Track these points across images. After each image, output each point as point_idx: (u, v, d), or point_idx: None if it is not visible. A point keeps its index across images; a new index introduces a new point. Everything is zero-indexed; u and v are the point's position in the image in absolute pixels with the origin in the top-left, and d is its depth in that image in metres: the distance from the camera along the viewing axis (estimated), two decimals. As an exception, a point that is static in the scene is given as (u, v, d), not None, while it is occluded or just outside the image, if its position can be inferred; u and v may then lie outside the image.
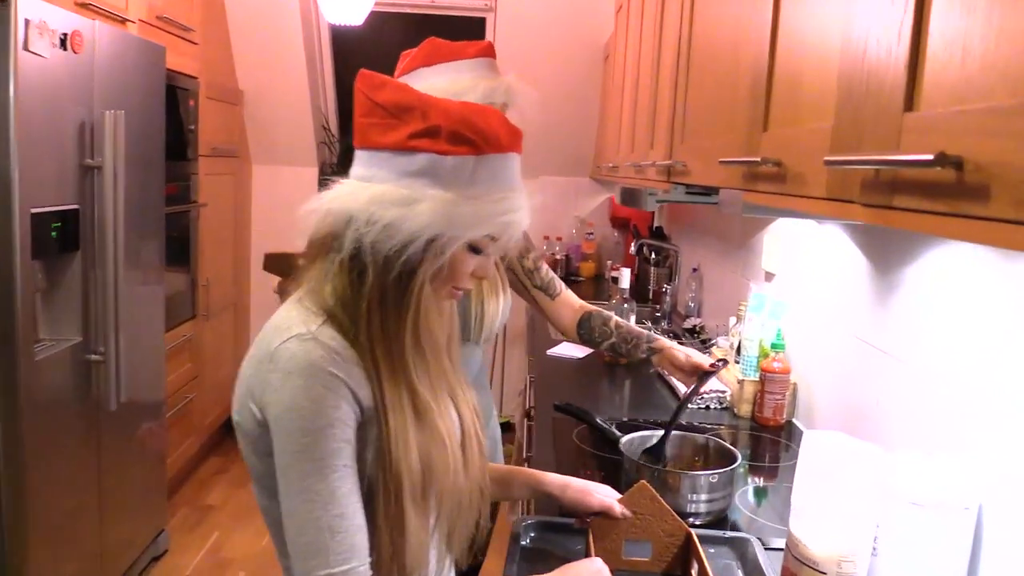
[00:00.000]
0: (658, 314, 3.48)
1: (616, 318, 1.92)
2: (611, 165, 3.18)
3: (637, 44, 2.83)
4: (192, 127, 3.69)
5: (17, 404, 2.26)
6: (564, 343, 2.89)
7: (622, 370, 2.66)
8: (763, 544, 1.38)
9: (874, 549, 1.30)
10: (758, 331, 2.17)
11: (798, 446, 1.35)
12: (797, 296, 2.21)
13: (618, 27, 3.49)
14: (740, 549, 1.39)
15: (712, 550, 1.39)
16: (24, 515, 2.30)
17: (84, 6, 2.64)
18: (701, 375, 1.78)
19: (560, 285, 1.96)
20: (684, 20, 1.98)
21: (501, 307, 1.76)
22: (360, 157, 1.07)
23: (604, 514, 1.33)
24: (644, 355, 1.88)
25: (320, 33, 4.38)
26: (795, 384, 2.15)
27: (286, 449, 0.98)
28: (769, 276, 2.45)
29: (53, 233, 2.37)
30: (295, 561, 0.99)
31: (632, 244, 3.60)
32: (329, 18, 3.37)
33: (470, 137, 1.02)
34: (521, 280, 1.89)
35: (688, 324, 3.19)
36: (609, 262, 4.50)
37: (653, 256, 3.92)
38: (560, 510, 1.39)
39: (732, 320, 2.53)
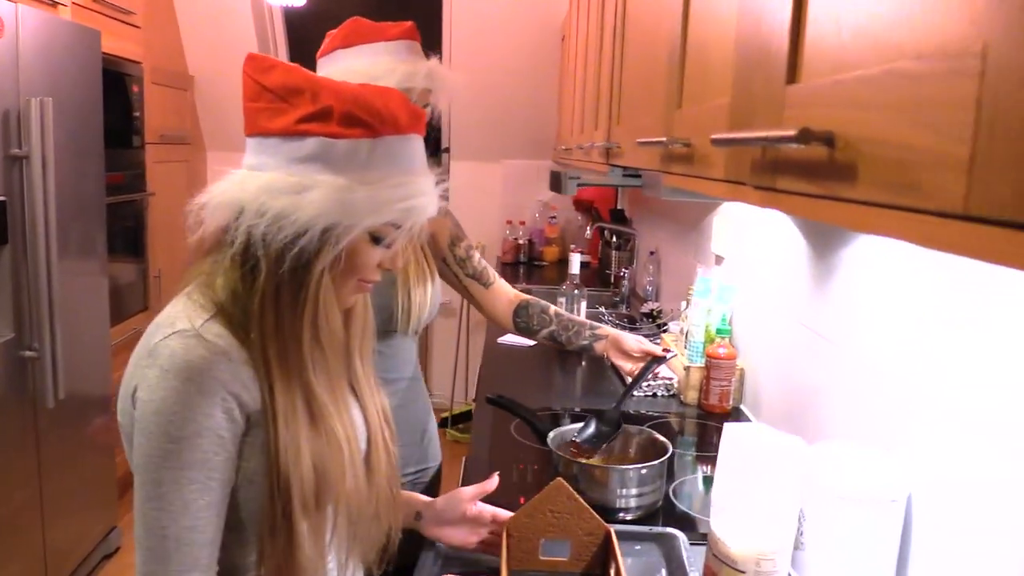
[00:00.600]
0: (616, 299, 3.43)
1: (554, 307, 1.86)
2: (564, 147, 3.12)
3: (586, 24, 2.75)
4: (137, 114, 3.58)
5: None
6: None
7: (575, 357, 2.61)
8: (690, 540, 1.33)
9: (801, 543, 1.26)
10: (704, 316, 2.12)
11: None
12: (745, 280, 2.15)
13: (571, 6, 3.41)
14: (667, 545, 1.33)
15: (638, 547, 1.34)
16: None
17: (8, -12, 2.53)
18: (650, 362, 1.73)
19: (493, 274, 1.89)
20: (620, -3, 1.91)
21: (429, 297, 1.69)
22: (250, 145, 1.00)
23: (495, 520, 1.27)
24: (586, 342, 1.82)
25: (272, 15, 4.27)
26: (742, 370, 2.10)
27: (147, 451, 0.92)
28: (719, 259, 2.39)
29: (-24, 226, 2.28)
30: (137, 561, 0.94)
31: (589, 228, 3.54)
32: (273, 0, 3.27)
33: (364, 119, 0.95)
34: (452, 269, 1.82)
35: (646, 308, 3.13)
36: (572, 246, 4.43)
37: (614, 240, 3.87)
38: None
39: (683, 304, 2.48)
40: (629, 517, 1.46)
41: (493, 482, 1.24)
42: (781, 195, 0.71)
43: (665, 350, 1.79)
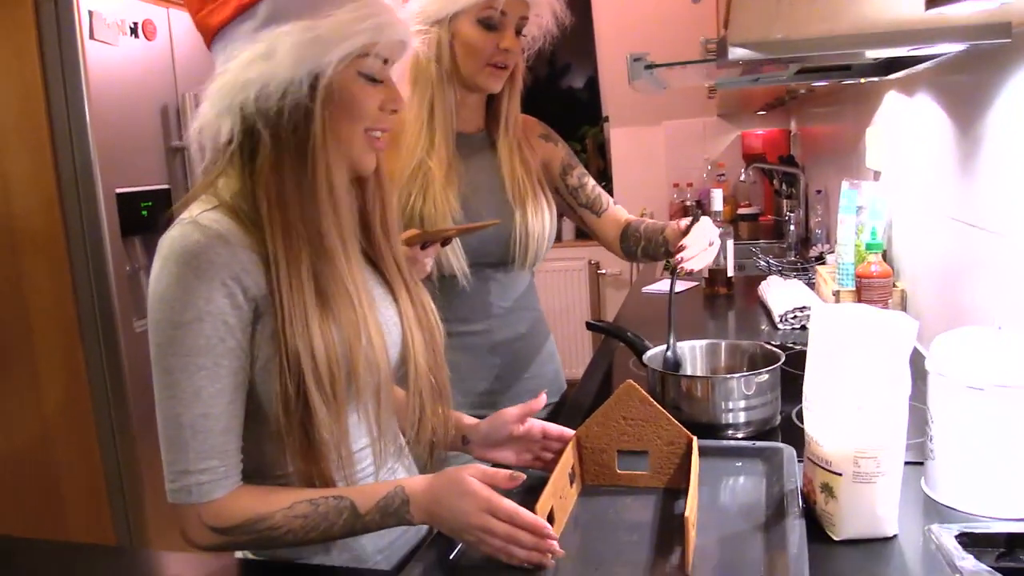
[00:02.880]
0: (784, 246, 3.16)
1: (647, 220, 1.72)
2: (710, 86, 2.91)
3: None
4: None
5: (122, 375, 2.39)
6: (664, 280, 2.68)
7: (723, 300, 2.42)
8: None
9: (930, 452, 1.06)
10: (852, 234, 1.88)
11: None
12: (901, 189, 1.89)
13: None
14: (771, 461, 1.17)
15: (739, 463, 1.18)
16: (140, 487, 2.43)
17: (163, -3, 2.75)
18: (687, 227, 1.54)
19: (607, 200, 1.78)
20: None
21: (548, 227, 1.61)
22: (215, 53, 0.98)
23: (552, 437, 1.15)
24: (663, 245, 1.65)
25: None
26: (903, 291, 1.84)
27: (155, 340, 0.92)
28: (877, 176, 2.12)
29: (143, 212, 2.49)
30: (162, 452, 0.94)
31: (743, 172, 3.29)
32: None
33: None
34: (565, 199, 1.72)
35: (814, 252, 2.86)
36: (744, 201, 4.17)
37: (783, 188, 3.58)
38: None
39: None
40: (740, 435, 1.31)
41: (540, 401, 1.14)
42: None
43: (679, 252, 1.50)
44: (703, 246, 1.49)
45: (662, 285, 2.63)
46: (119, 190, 2.37)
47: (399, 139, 1.50)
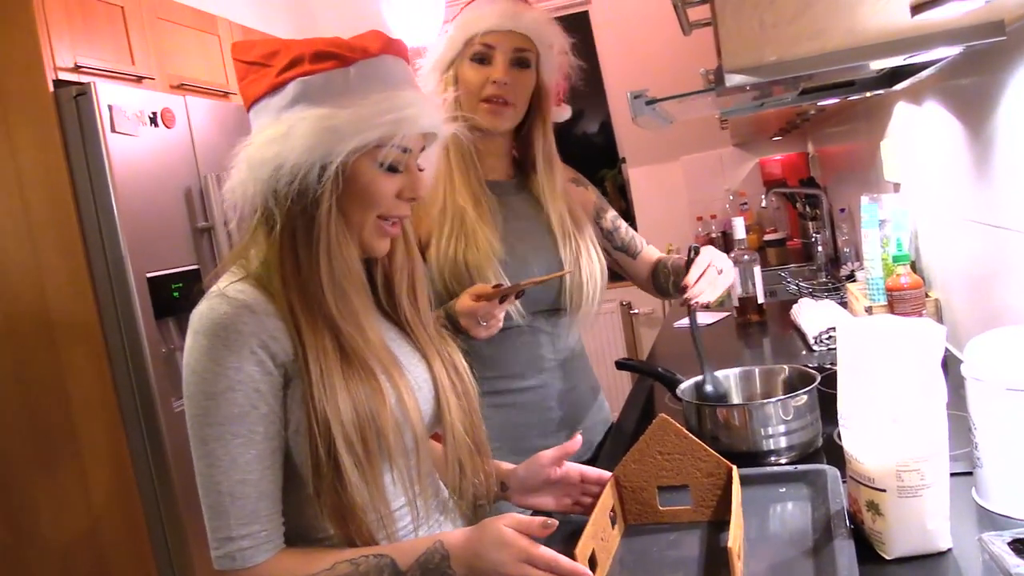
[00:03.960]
0: (814, 268, 3.13)
1: (673, 257, 1.71)
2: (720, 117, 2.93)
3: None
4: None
5: (165, 455, 2.41)
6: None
7: (756, 328, 2.40)
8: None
9: (977, 460, 1.03)
10: (877, 249, 1.85)
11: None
12: (921, 199, 1.87)
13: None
14: (814, 483, 1.14)
15: (782, 489, 1.16)
16: (189, 565, 2.44)
17: (180, 87, 2.84)
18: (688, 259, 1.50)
19: (641, 241, 1.77)
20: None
21: (600, 270, 1.56)
22: (251, 121, 1.04)
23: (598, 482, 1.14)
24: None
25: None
26: (937, 301, 1.80)
27: (190, 412, 0.94)
28: (896, 187, 2.10)
29: (175, 293, 2.53)
30: (205, 521, 0.95)
31: (763, 197, 3.28)
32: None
33: (334, 51, 0.99)
34: (600, 243, 1.68)
35: (845, 271, 2.83)
36: (769, 227, 4.14)
37: (807, 210, 3.56)
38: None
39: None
40: (783, 460, 1.28)
41: (575, 443, 1.13)
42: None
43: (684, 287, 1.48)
44: (710, 277, 1.47)
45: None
46: (150, 275, 2.43)
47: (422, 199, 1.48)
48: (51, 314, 2.38)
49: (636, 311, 4.57)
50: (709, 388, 1.43)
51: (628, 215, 4.77)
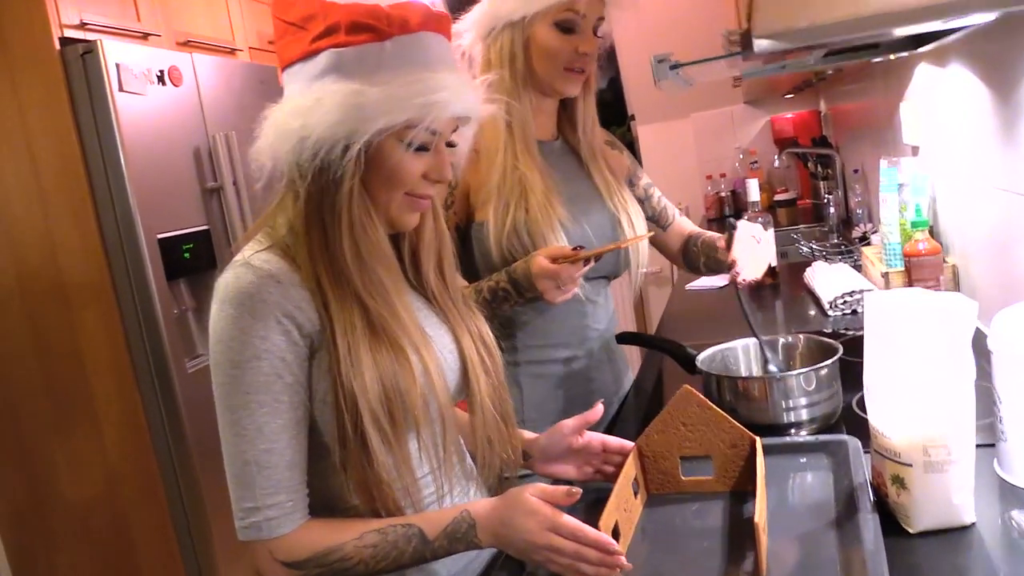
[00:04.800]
0: (825, 229, 3.11)
1: (704, 234, 1.68)
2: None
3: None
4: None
5: (179, 416, 2.43)
6: (705, 276, 2.65)
7: (768, 291, 2.39)
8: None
9: (1001, 433, 1.03)
10: (895, 213, 1.84)
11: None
12: (942, 163, 1.85)
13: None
14: (836, 454, 1.14)
15: (803, 459, 1.16)
16: (206, 519, 2.47)
17: (186, 44, 2.80)
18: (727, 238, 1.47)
19: (673, 212, 1.72)
20: None
21: (646, 231, 1.55)
22: (283, 82, 1.01)
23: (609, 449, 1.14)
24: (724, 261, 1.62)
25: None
26: (954, 267, 1.79)
27: (217, 381, 0.94)
28: (915, 151, 2.08)
29: (186, 254, 2.53)
30: (230, 490, 0.95)
31: (776, 158, 3.25)
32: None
33: (371, 24, 0.94)
34: None
35: (857, 232, 2.81)
36: (780, 187, 4.11)
37: (819, 169, 3.53)
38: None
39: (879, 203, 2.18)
40: (804, 432, 1.28)
41: (596, 412, 1.13)
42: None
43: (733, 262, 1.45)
44: (751, 251, 1.45)
45: (707, 280, 2.60)
46: (160, 235, 2.42)
47: (479, 152, 1.42)
48: (63, 275, 2.37)
49: (644, 270, 4.55)
50: (772, 367, 1.40)
51: (637, 173, 4.74)
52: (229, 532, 0.96)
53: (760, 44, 1.09)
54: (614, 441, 1.15)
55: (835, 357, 1.28)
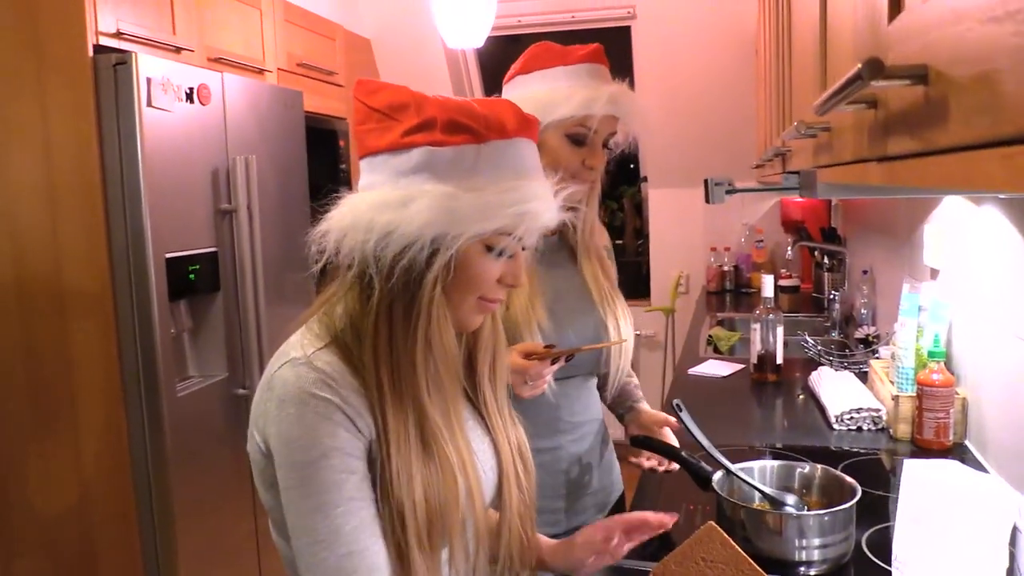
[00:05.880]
0: (827, 324, 3.12)
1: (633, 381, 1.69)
2: (755, 164, 2.91)
3: (764, 31, 2.56)
4: (344, 167, 3.81)
5: (163, 437, 2.37)
6: (709, 360, 2.65)
7: (771, 388, 2.39)
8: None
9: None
10: (913, 338, 1.84)
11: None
12: (962, 295, 1.86)
13: (759, 18, 3.21)
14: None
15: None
16: (174, 542, 2.41)
17: (217, 60, 2.79)
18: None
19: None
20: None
21: (631, 341, 1.58)
22: (362, 167, 1.00)
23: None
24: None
25: (465, 59, 4.42)
26: (964, 399, 1.80)
27: (286, 485, 0.91)
28: (934, 273, 2.09)
29: (191, 276, 2.49)
30: None
31: (790, 247, 3.27)
32: (450, 43, 3.36)
33: (468, 124, 0.93)
34: None
35: (860, 333, 2.82)
36: (783, 271, 4.13)
37: (825, 260, 3.55)
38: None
39: (896, 326, 2.19)
40: (813, 572, 1.26)
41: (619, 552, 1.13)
42: (895, 164, 0.56)
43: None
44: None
45: (708, 367, 2.60)
46: (168, 255, 2.38)
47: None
48: (64, 283, 2.33)
49: (637, 332, 4.56)
50: (790, 504, 1.38)
51: (642, 234, 4.76)
52: (195, 556, 0.92)
53: (824, 190, 1.09)
54: (635, 517, 1.15)
55: (854, 500, 1.27)
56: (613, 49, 1.58)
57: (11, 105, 2.29)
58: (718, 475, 1.40)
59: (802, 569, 1.26)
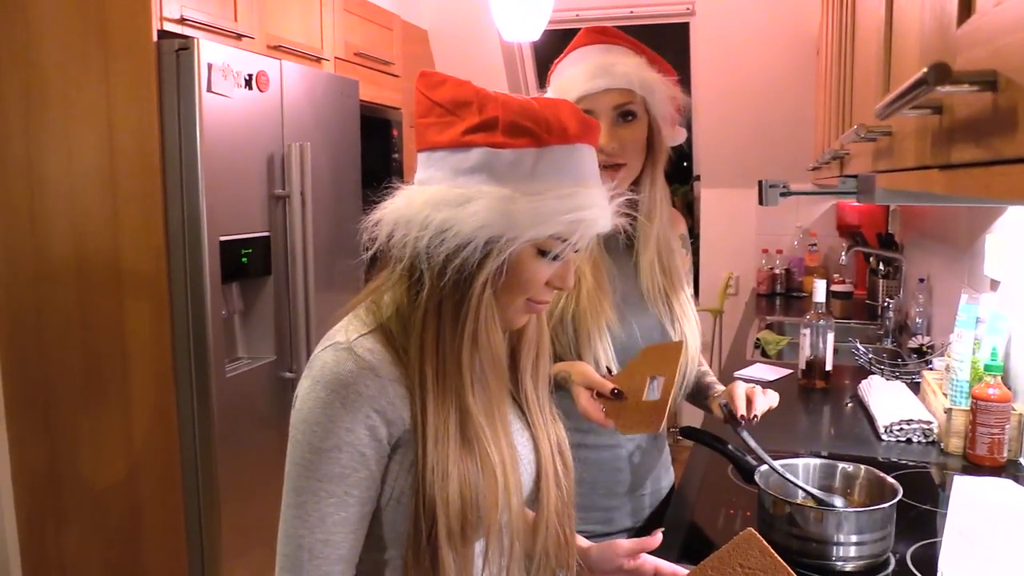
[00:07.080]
0: (880, 332, 3.05)
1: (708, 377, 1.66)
2: (812, 166, 2.85)
3: (827, 31, 2.51)
4: (397, 156, 3.84)
5: (211, 415, 2.42)
6: (756, 364, 2.61)
7: (819, 395, 2.34)
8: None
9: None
10: (970, 350, 1.79)
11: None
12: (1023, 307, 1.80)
13: (822, 18, 3.14)
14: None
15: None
16: (218, 521, 2.46)
17: (276, 48, 2.82)
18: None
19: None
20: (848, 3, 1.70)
21: (694, 336, 1.55)
22: (420, 160, 0.99)
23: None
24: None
25: (520, 52, 4.41)
26: (1021, 416, 1.74)
27: (291, 458, 0.93)
28: (994, 284, 2.03)
29: (243, 259, 2.54)
30: (276, 566, 0.94)
31: (844, 252, 3.20)
32: (506, 36, 3.35)
33: (530, 127, 0.92)
34: None
35: (913, 343, 2.75)
36: (836, 276, 4.05)
37: (880, 267, 3.47)
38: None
39: (952, 337, 2.13)
40: (848, 568, 1.25)
41: (655, 540, 1.11)
42: (959, 172, 0.54)
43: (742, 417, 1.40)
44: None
45: (755, 371, 2.56)
46: (223, 237, 2.43)
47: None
48: (121, 262, 2.39)
49: (691, 379, 4.52)
50: (838, 501, 1.35)
51: (693, 233, 4.71)
52: (238, 534, 0.95)
53: (882, 194, 1.06)
54: (667, 568, 1.12)
55: (895, 500, 1.24)
56: (670, 46, 1.55)
57: (78, 90, 2.35)
58: (762, 468, 1.38)
59: (839, 564, 1.24)
